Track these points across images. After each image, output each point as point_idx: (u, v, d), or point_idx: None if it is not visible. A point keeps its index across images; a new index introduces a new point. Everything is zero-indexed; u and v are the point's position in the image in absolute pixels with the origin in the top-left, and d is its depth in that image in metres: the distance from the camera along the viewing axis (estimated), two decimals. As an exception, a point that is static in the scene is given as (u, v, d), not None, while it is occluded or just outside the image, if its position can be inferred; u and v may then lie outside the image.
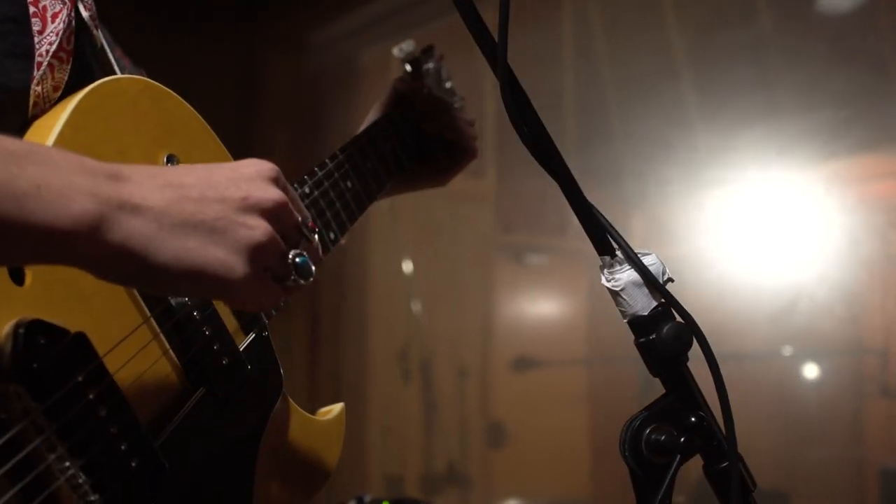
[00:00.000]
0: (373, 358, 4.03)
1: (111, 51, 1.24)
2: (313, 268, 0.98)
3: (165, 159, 1.11)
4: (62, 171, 0.79)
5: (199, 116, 1.20)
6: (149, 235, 0.83)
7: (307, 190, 1.38)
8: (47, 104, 1.04)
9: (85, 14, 1.14)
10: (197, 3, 3.43)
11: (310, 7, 3.33)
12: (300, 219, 0.98)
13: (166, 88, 1.15)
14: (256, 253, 0.90)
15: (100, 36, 1.18)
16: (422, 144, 1.73)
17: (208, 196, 0.89)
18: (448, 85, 1.89)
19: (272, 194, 0.93)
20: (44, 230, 0.76)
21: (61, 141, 1.00)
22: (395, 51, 1.83)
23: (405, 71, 1.82)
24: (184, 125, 1.16)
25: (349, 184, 1.48)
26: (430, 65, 1.84)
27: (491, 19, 1.08)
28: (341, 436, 1.39)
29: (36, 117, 1.03)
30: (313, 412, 1.37)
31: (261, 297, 0.93)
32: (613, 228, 1.13)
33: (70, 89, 1.06)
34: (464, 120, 1.75)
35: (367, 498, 2.38)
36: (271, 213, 0.93)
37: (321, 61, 3.41)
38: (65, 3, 1.07)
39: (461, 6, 1.10)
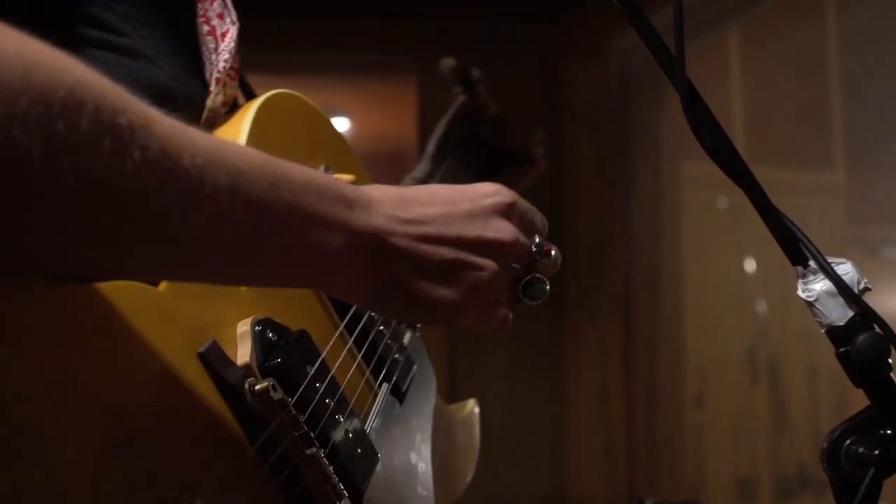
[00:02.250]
0: (716, 358, 3.98)
1: None
2: (547, 287, 1.00)
3: (323, 168, 1.18)
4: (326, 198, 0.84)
5: (335, 127, 1.27)
6: (392, 274, 0.88)
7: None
8: (217, 119, 1.12)
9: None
10: (498, 15, 3.53)
11: (611, 11, 3.33)
12: (533, 246, 0.99)
13: (310, 101, 1.23)
14: (482, 291, 0.93)
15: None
16: (488, 160, 1.75)
17: (445, 235, 0.91)
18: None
19: (505, 234, 0.95)
20: (326, 253, 0.83)
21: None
22: (444, 67, 1.85)
23: (457, 89, 1.85)
24: (327, 137, 1.24)
25: None
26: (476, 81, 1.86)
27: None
28: (477, 432, 1.42)
29: None
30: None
31: (490, 323, 0.96)
32: (805, 237, 1.11)
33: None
34: (530, 131, 1.80)
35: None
36: (501, 252, 0.94)
37: (624, 66, 3.41)
38: (234, 22, 1.15)
39: (630, 13, 1.12)
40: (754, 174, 1.12)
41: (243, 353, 0.91)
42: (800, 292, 1.12)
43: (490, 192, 0.96)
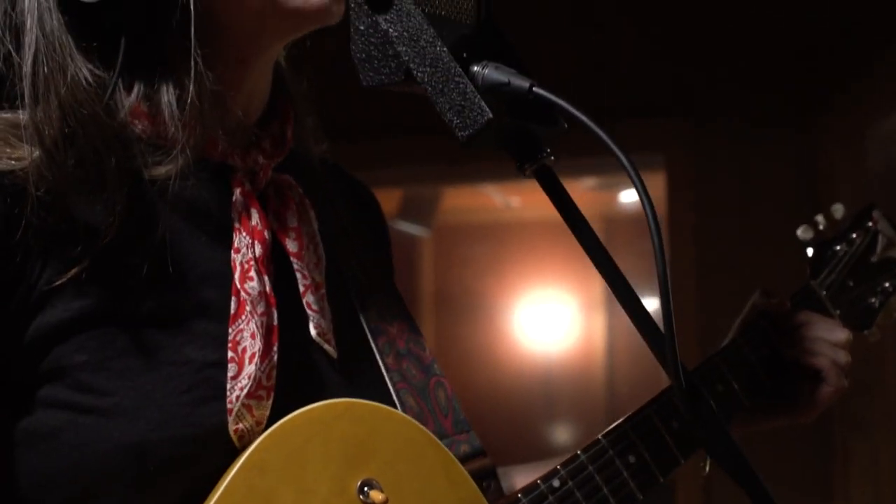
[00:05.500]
0: None
1: (374, 340, 1.26)
2: None
3: (358, 486, 1.12)
4: None
5: (418, 425, 1.19)
6: None
7: (555, 484, 1.23)
8: (253, 437, 1.10)
9: (313, 332, 1.17)
10: (749, 108, 3.35)
11: (872, 99, 3.04)
12: None
13: (376, 405, 1.16)
14: None
15: (331, 350, 1.19)
16: (779, 372, 1.48)
17: None
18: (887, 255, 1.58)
19: None
20: None
21: (231, 490, 1.06)
22: (800, 231, 1.61)
23: (808, 259, 1.60)
24: (393, 440, 1.16)
25: (631, 458, 1.29)
26: (841, 246, 1.58)
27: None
28: None
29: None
30: None
31: None
32: None
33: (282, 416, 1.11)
34: (832, 343, 1.48)
35: None
36: None
37: (888, 154, 3.08)
38: (267, 339, 1.11)
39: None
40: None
41: None
42: None
43: None
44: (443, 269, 5.39)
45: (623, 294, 0.98)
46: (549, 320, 5.45)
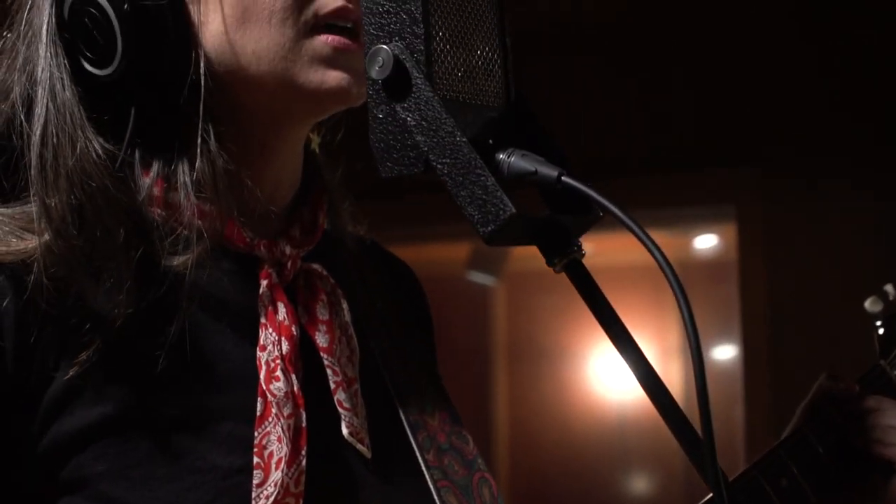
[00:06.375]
0: None
1: (413, 435, 1.20)
2: None
3: None
4: None
5: None
6: None
7: None
8: None
9: (345, 432, 1.11)
10: (819, 152, 3.27)
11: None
12: None
13: None
14: None
15: (364, 450, 1.13)
16: (849, 462, 1.39)
17: None
18: None
19: None
20: None
21: None
22: (868, 303, 1.52)
23: (877, 335, 1.51)
24: None
25: None
26: None
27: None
28: None
29: None
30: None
31: None
32: None
33: None
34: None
35: None
36: None
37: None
38: (295, 442, 1.05)
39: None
40: None
41: None
42: None
43: None
44: (514, 318, 5.31)
45: (659, 397, 0.92)
46: (624, 369, 5.35)
